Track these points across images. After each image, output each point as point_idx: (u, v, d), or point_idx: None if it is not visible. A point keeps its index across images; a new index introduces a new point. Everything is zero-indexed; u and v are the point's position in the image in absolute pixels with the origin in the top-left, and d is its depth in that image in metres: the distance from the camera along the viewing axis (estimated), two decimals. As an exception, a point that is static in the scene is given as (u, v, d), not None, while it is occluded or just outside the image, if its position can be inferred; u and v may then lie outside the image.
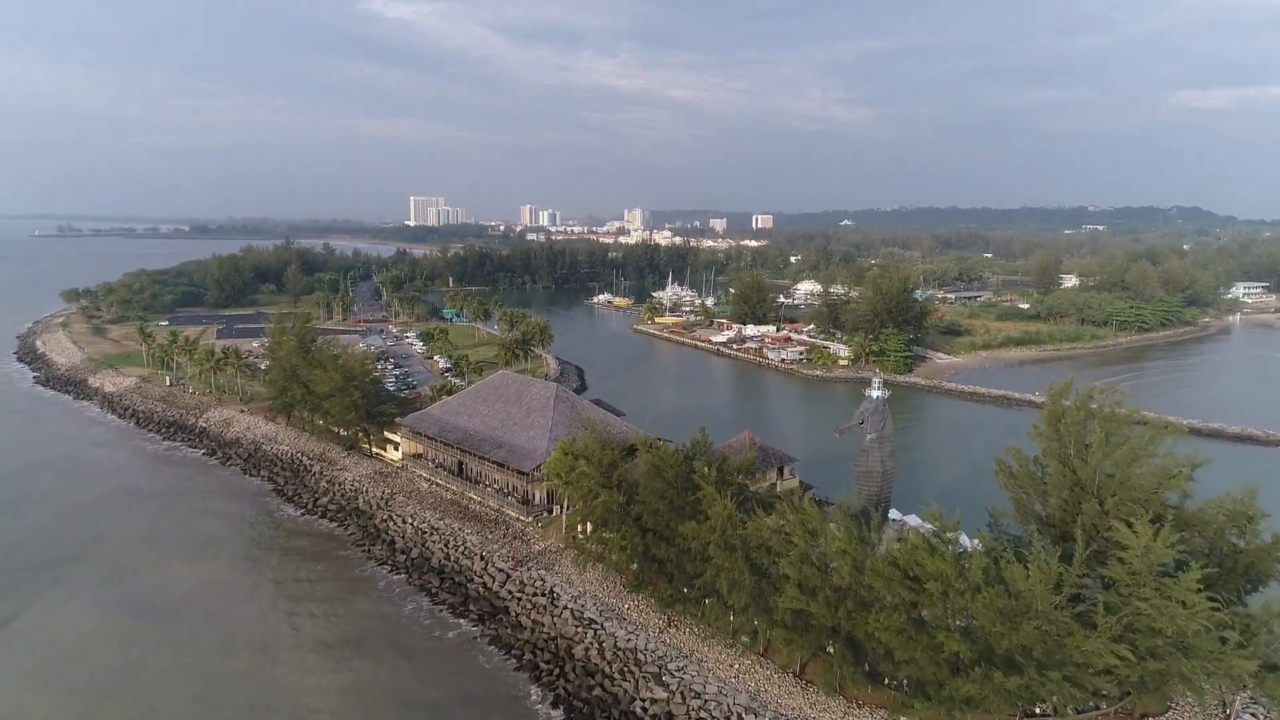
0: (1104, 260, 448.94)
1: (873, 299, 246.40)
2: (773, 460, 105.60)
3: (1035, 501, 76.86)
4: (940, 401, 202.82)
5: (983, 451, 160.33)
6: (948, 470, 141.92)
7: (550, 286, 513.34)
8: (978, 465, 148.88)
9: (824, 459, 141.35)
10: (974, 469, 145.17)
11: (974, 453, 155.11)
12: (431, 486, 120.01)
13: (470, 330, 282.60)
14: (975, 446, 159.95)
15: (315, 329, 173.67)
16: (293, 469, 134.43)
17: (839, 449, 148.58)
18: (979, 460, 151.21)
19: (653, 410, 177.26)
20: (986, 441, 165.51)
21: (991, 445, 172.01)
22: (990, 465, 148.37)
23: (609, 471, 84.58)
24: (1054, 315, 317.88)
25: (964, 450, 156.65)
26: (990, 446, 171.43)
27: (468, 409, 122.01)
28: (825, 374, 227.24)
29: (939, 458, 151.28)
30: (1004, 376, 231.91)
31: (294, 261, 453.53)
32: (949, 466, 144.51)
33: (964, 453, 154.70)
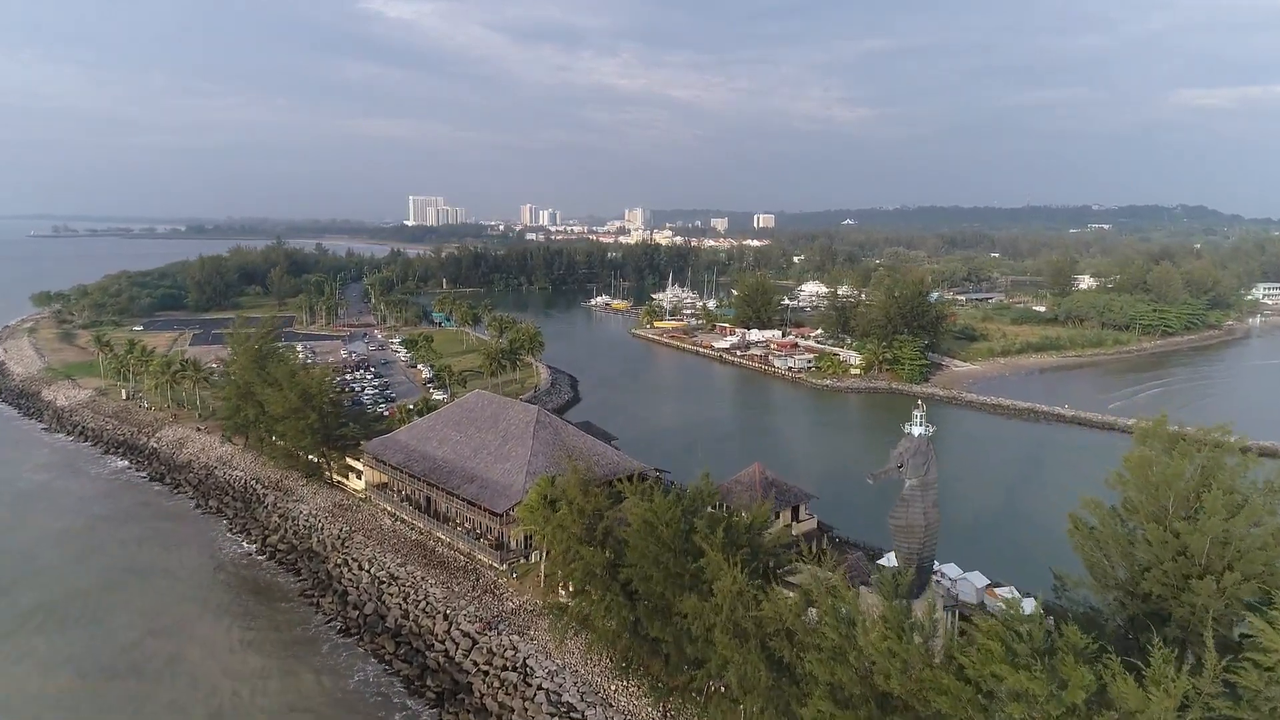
0: (1122, 261, 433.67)
1: (885, 303, 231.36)
2: (787, 498, 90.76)
3: (1118, 566, 61.89)
4: (961, 415, 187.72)
5: (1015, 473, 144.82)
6: (980, 497, 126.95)
7: (547, 288, 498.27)
8: (1011, 489, 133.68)
9: (842, 488, 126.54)
10: (1008, 493, 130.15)
11: (1005, 474, 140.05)
12: (395, 524, 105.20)
13: (459, 336, 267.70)
14: (1006, 467, 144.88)
15: (278, 338, 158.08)
16: (245, 499, 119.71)
17: (856, 476, 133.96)
18: (1012, 483, 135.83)
19: (649, 431, 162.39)
20: (1017, 460, 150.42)
21: (1023, 465, 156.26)
22: (1025, 489, 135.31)
23: (592, 523, 69.77)
24: (1072, 319, 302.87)
25: (995, 472, 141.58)
26: (1022, 466, 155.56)
27: (438, 434, 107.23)
28: (836, 383, 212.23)
29: (968, 482, 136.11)
30: (1026, 386, 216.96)
31: (281, 263, 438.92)
32: (981, 492, 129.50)
33: (996, 475, 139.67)
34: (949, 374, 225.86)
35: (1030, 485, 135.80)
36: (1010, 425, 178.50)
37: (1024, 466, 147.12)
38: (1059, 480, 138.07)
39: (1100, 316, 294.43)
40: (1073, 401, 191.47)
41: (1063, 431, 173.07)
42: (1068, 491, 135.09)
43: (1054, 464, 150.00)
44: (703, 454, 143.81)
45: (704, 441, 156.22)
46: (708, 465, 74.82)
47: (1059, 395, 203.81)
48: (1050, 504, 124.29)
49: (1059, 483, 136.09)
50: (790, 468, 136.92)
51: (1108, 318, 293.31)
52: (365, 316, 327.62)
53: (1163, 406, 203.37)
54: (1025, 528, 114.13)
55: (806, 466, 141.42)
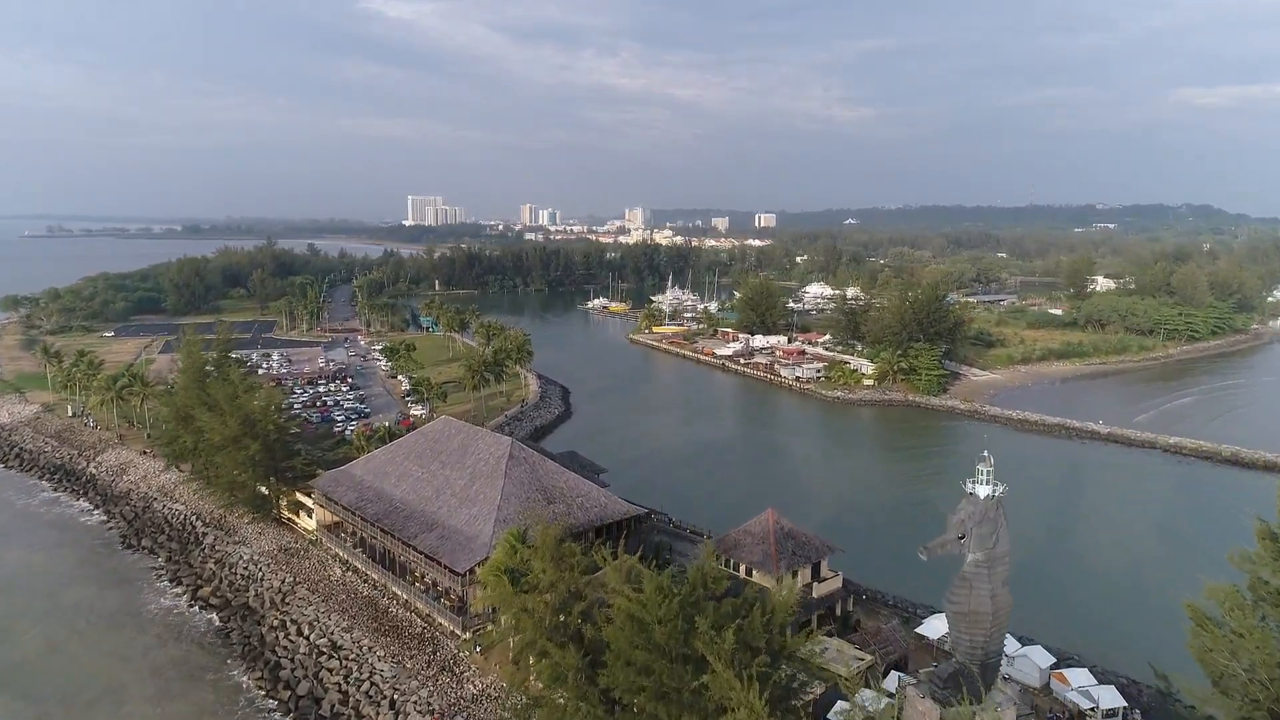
0: (1136, 261, 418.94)
1: (899, 307, 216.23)
2: (806, 552, 75.74)
3: (1253, 672, 46.90)
4: (985, 432, 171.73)
5: (1059, 505, 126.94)
6: (1026, 539, 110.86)
7: (543, 290, 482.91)
8: (1058, 526, 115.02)
9: (864, 524, 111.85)
10: (1056, 532, 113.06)
11: (1049, 506, 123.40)
12: (346, 575, 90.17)
13: (446, 342, 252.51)
14: (1048, 497, 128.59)
15: (232, 347, 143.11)
16: (182, 538, 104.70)
17: (879, 511, 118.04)
18: (1058, 518, 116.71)
19: (645, 455, 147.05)
20: (1057, 488, 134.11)
21: (1066, 494, 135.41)
22: (1075, 525, 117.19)
23: (567, 604, 54.81)
24: (1092, 323, 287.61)
25: (1037, 503, 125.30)
26: (1065, 496, 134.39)
27: (397, 469, 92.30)
28: (847, 395, 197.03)
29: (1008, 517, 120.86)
30: (1051, 397, 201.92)
31: (266, 264, 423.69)
32: (1026, 531, 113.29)
33: (1038, 508, 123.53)
34: (968, 384, 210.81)
35: (1080, 520, 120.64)
36: (1040, 443, 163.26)
37: (1067, 496, 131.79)
38: (1110, 512, 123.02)
39: (1123, 321, 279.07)
40: (1102, 414, 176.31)
41: (1099, 451, 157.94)
42: (1122, 527, 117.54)
43: (1100, 491, 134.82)
44: (704, 482, 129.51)
45: (706, 467, 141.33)
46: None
47: (1087, 407, 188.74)
48: (1107, 545, 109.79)
49: (1111, 515, 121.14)
50: (805, 502, 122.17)
51: (1131, 322, 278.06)
52: (351, 321, 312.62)
53: (1198, 418, 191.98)
54: (1085, 578, 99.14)
55: (822, 498, 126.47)
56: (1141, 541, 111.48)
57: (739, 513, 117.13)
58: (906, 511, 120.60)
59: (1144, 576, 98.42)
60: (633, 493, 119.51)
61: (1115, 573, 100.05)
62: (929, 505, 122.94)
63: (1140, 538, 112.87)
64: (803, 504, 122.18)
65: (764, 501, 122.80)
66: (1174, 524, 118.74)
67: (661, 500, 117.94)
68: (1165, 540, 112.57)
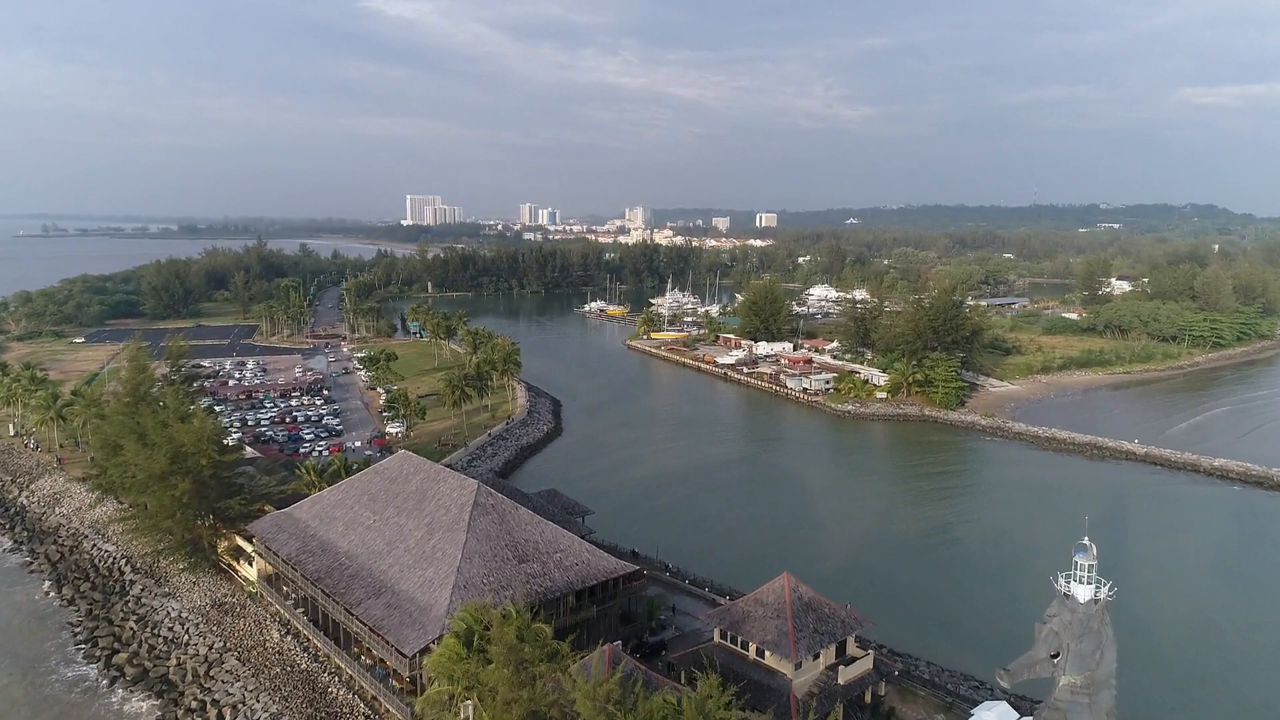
0: (1156, 263, 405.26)
1: (914, 314, 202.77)
2: (829, 627, 62.24)
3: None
4: (1010, 451, 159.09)
5: (1109, 544, 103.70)
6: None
7: (540, 292, 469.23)
8: (1120, 570, 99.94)
9: (888, 575, 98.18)
10: (1120, 583, 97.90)
11: (1098, 544, 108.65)
12: (285, 641, 76.68)
13: (432, 350, 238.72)
14: (1093, 531, 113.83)
15: (188, 362, 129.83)
16: (107, 587, 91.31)
17: (906, 558, 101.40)
18: (1115, 560, 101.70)
19: (638, 484, 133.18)
20: (1101, 522, 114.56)
21: (1113, 530, 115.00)
22: (1133, 570, 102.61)
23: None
24: (1112, 329, 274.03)
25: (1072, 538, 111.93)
26: (1113, 532, 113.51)
27: (347, 514, 78.91)
28: (859, 409, 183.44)
29: (1053, 559, 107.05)
30: (1076, 410, 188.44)
31: (252, 265, 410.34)
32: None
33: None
34: (987, 396, 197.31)
35: (1138, 564, 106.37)
36: (1072, 465, 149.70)
37: (1115, 532, 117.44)
38: (1189, 556, 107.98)
39: (1145, 327, 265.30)
40: (1131, 429, 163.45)
41: (1138, 474, 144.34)
42: (1192, 575, 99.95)
43: (1153, 526, 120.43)
44: (705, 517, 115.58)
45: (708, 497, 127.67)
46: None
47: (1115, 422, 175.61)
48: (1204, 600, 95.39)
49: (1189, 560, 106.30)
50: (820, 542, 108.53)
51: (1153, 328, 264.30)
52: (337, 326, 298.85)
53: (1230, 433, 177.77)
54: (1204, 650, 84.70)
55: (839, 537, 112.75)
56: (1238, 596, 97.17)
57: (744, 554, 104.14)
58: (937, 554, 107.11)
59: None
60: (625, 530, 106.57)
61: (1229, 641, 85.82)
62: (961, 547, 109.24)
63: (1240, 591, 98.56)
64: (817, 545, 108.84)
65: (772, 540, 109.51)
66: (1252, 570, 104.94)
67: (657, 536, 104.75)
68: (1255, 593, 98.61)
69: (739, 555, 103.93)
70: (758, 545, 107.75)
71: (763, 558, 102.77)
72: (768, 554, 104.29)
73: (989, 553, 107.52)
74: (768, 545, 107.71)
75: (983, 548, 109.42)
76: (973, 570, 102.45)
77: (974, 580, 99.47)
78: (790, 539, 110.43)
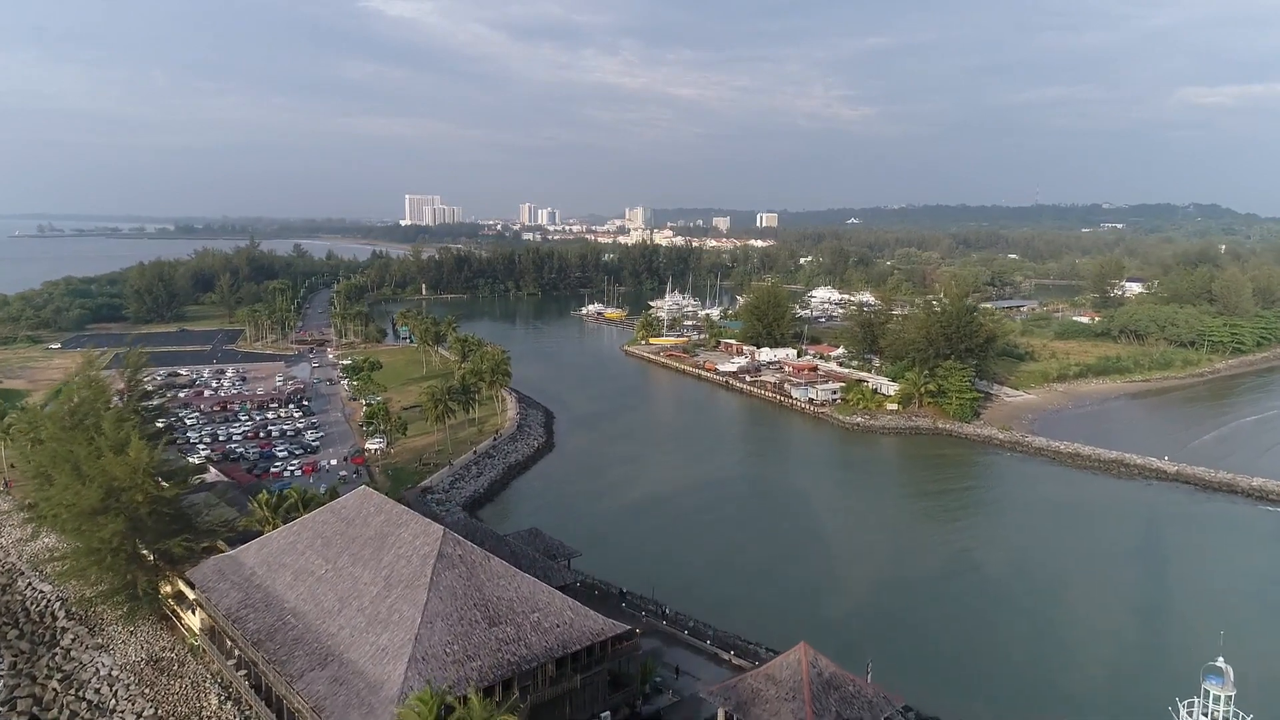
0: (1165, 264, 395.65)
1: (925, 321, 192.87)
2: (858, 712, 52.28)
3: None
4: (1031, 468, 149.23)
5: (1151, 580, 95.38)
6: (1128, 641, 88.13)
7: (536, 294, 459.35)
8: (1140, 607, 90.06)
9: (910, 621, 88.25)
10: (1140, 618, 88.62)
11: (1140, 579, 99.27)
12: (224, 709, 66.87)
13: (421, 356, 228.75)
14: (1132, 565, 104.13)
15: (148, 375, 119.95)
16: (35, 637, 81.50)
17: (929, 600, 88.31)
18: (1159, 602, 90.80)
19: (633, 510, 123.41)
20: (1139, 554, 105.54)
21: (1154, 562, 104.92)
22: (1183, 616, 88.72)
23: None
24: (1127, 333, 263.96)
25: (1121, 574, 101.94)
26: (1153, 565, 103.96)
27: (297, 559, 69.15)
28: (868, 421, 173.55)
29: (1075, 589, 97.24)
30: (1096, 422, 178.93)
31: (242, 267, 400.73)
32: (1124, 628, 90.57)
33: (1125, 583, 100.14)
34: (1001, 406, 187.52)
35: (1187, 601, 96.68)
36: (1097, 483, 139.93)
37: (1154, 562, 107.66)
38: (1232, 591, 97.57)
39: (1162, 332, 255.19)
40: (1156, 442, 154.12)
41: (1168, 493, 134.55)
42: (1254, 615, 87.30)
43: (1194, 554, 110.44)
44: (707, 548, 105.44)
45: (710, 524, 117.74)
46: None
47: (1138, 434, 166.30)
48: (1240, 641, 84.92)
49: (1235, 597, 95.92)
50: (832, 579, 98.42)
51: (1170, 333, 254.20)
52: (325, 330, 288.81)
53: (1252, 447, 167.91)
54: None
55: (854, 574, 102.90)
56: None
57: (749, 593, 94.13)
58: (962, 591, 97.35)
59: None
60: (616, 564, 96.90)
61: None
62: (988, 582, 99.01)
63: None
64: (830, 581, 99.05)
65: (779, 576, 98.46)
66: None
67: (653, 572, 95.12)
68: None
69: (743, 594, 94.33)
70: (764, 582, 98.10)
71: (769, 598, 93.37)
72: (774, 593, 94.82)
73: (1018, 588, 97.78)
74: (775, 582, 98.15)
75: (1011, 582, 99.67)
76: (1002, 609, 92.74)
77: (1005, 621, 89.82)
78: (799, 574, 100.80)
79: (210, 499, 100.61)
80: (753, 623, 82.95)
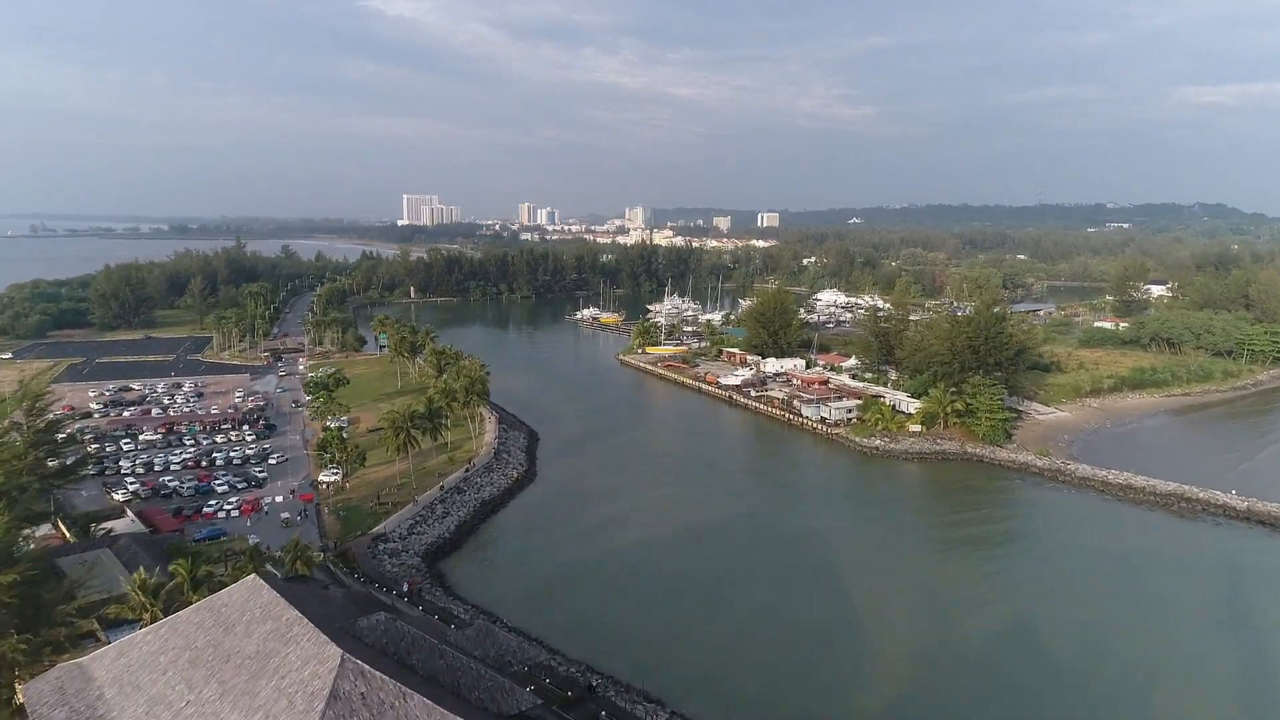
0: (1182, 265, 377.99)
1: (951, 332, 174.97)
2: None
3: None
4: (1075, 502, 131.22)
5: (1225, 651, 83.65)
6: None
7: (530, 297, 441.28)
8: (1240, 695, 74.44)
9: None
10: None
11: (1211, 652, 79.10)
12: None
13: (397, 368, 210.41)
14: (1206, 636, 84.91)
15: (48, 404, 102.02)
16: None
17: (990, 693, 74.40)
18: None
19: (618, 560, 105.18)
20: (1205, 615, 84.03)
21: (1235, 634, 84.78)
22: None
23: None
24: (1158, 341, 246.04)
25: (1197, 652, 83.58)
26: (1233, 638, 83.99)
27: (155, 679, 51.31)
28: (888, 444, 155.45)
29: (1153, 672, 79.05)
30: (1141, 444, 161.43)
31: (221, 269, 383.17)
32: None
33: (1200, 660, 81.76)
34: (1033, 426, 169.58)
35: None
36: (1156, 523, 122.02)
37: (1254, 641, 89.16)
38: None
39: (1197, 340, 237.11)
40: (1210, 469, 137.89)
41: (1241, 536, 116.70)
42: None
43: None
44: (713, 618, 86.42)
45: (715, 584, 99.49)
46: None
47: (1186, 458, 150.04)
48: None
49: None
50: (857, 653, 79.44)
51: (1206, 341, 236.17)
52: (299, 337, 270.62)
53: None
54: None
55: (882, 640, 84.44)
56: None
57: (757, 669, 75.47)
58: (1015, 669, 79.37)
59: None
60: (594, 636, 79.11)
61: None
62: (1044, 661, 79.88)
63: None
64: (854, 656, 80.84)
65: (792, 648, 77.33)
66: None
67: (638, 645, 77.58)
68: None
69: (749, 672, 76.32)
70: (774, 658, 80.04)
71: (781, 681, 75.23)
72: (787, 672, 76.65)
73: (1083, 670, 79.84)
74: (786, 657, 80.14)
75: (1074, 662, 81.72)
76: (1066, 700, 74.78)
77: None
78: (818, 646, 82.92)
79: (105, 561, 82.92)
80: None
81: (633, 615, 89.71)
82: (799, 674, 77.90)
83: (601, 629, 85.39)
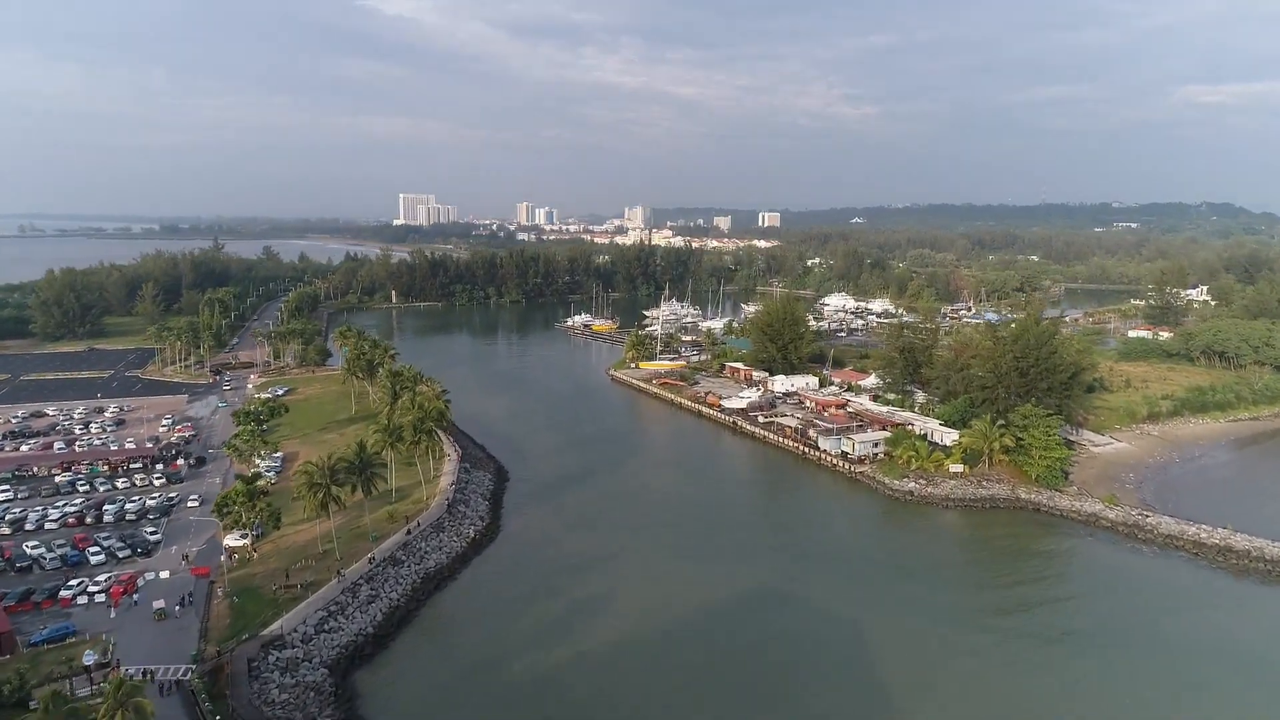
0: (1212, 268, 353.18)
1: (995, 353, 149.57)
2: None
3: None
4: (1160, 567, 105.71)
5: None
6: None
7: (520, 301, 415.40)
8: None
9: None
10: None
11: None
12: None
13: (352, 389, 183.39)
14: None
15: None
16: None
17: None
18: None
19: (594, 669, 78.79)
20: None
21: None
22: None
23: None
24: (1209, 354, 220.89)
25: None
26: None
27: None
28: (926, 488, 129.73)
29: None
30: (1221, 484, 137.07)
31: (187, 272, 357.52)
32: None
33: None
34: (1090, 461, 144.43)
35: None
36: (1274, 601, 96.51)
37: None
38: None
39: (1255, 354, 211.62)
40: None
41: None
42: None
43: None
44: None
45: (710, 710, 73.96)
46: None
47: (1272, 501, 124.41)
48: None
49: None
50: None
51: (1266, 355, 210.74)
52: (254, 351, 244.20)
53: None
54: None
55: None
56: None
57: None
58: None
59: None
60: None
61: None
62: None
63: None
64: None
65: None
66: None
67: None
68: None
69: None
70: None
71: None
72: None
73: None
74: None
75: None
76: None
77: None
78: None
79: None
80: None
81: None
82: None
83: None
